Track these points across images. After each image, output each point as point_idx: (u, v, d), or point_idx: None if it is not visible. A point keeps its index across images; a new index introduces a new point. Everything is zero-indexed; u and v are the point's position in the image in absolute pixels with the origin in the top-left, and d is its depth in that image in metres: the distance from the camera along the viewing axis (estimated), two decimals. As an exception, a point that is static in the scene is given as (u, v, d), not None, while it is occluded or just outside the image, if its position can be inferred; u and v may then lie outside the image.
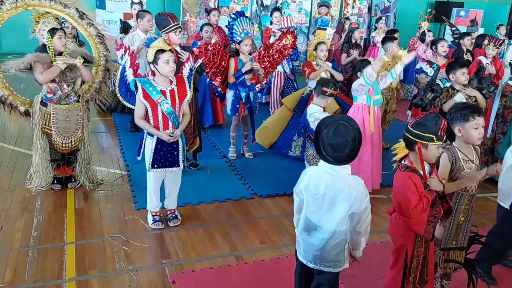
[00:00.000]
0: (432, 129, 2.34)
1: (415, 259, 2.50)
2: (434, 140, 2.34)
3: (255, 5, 9.10)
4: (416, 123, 2.42)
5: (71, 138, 4.12)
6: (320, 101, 3.92)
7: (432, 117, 2.39)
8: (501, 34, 8.60)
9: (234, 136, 5.17)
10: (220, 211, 4.09)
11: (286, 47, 4.96)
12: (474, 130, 2.59)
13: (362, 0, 10.36)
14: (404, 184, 2.40)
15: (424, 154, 2.38)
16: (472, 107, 2.67)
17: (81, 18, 4.30)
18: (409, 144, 2.42)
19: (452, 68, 4.11)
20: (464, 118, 2.59)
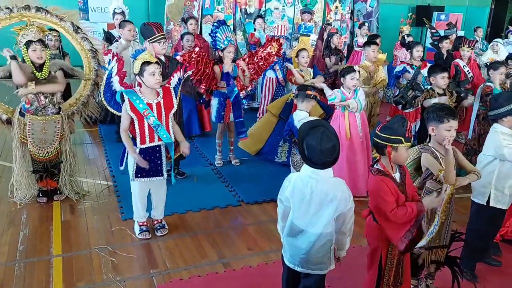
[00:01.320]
0: (399, 131, 2.39)
1: (389, 261, 2.54)
2: (402, 142, 2.39)
3: (239, 13, 9.16)
4: (383, 127, 2.46)
5: (48, 149, 4.10)
6: (305, 105, 3.97)
7: (398, 120, 2.44)
8: (479, 36, 8.78)
9: (220, 143, 5.19)
10: (207, 219, 4.10)
11: (270, 55, 5.03)
12: (447, 132, 2.64)
13: (345, 6, 10.48)
14: (378, 188, 2.42)
15: (395, 157, 2.42)
16: (448, 109, 2.73)
17: (76, 32, 4.31)
18: (379, 148, 2.46)
19: (433, 72, 4.20)
20: (439, 119, 2.65)
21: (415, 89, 4.04)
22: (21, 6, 4.07)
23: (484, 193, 3.14)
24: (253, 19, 7.92)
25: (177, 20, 8.35)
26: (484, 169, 3.10)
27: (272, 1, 9.45)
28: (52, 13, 4.20)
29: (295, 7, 9.69)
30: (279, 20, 9.57)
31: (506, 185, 3.09)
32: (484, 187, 3.12)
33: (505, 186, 3.09)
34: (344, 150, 4.36)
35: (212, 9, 8.92)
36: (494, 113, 3.11)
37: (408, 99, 4.06)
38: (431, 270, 2.92)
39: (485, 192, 3.13)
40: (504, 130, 3.07)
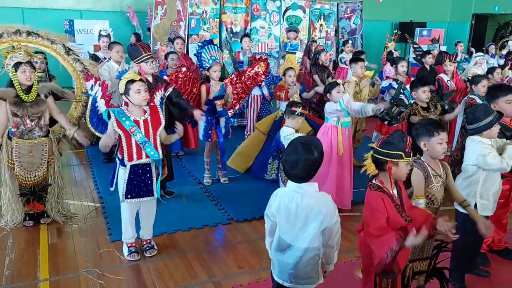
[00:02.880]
0: (399, 147, 2.39)
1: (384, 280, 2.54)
2: (403, 157, 2.39)
3: (225, 32, 9.27)
4: (383, 142, 2.46)
5: (35, 173, 4.05)
6: (292, 122, 4.00)
7: (398, 135, 2.46)
8: (460, 51, 8.98)
9: (208, 161, 5.19)
10: (197, 238, 4.07)
11: (258, 74, 5.09)
12: (439, 145, 2.69)
13: (329, 24, 10.66)
14: (375, 204, 2.43)
15: (395, 172, 2.42)
16: (436, 123, 2.78)
17: (68, 54, 4.32)
18: (379, 164, 2.45)
19: (415, 86, 4.28)
20: (429, 133, 2.69)
21: (399, 104, 4.11)
22: (11, 31, 4.07)
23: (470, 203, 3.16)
24: (239, 38, 8.01)
25: (164, 40, 8.41)
26: (468, 179, 3.15)
27: (258, 20, 9.57)
28: (44, 37, 4.21)
29: (281, 25, 9.83)
30: (265, 39, 9.69)
31: (490, 193, 3.14)
32: (470, 196, 3.15)
33: (489, 194, 3.14)
34: (335, 164, 4.39)
35: (198, 28, 9.01)
36: (473, 127, 3.13)
37: (393, 115, 4.13)
38: (421, 282, 2.92)
39: (471, 202, 3.15)
40: (484, 141, 3.11)
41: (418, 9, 13.44)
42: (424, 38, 12.23)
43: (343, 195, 4.47)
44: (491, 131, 3.08)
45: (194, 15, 8.96)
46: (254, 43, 9.32)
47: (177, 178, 4.95)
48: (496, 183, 3.16)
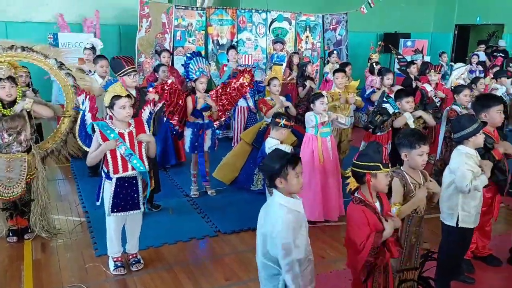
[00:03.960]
0: (376, 158, 2.42)
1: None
2: (381, 168, 2.41)
3: (211, 44, 9.32)
4: (359, 155, 2.49)
5: (13, 189, 3.95)
6: (276, 133, 4.03)
7: (373, 146, 2.49)
8: (444, 61, 9.14)
9: (195, 173, 5.18)
10: (184, 251, 4.05)
11: (243, 85, 5.11)
12: (419, 157, 2.73)
13: (315, 35, 10.78)
14: (357, 217, 2.44)
15: (374, 184, 2.44)
16: (418, 135, 2.81)
17: (60, 69, 4.30)
18: (358, 177, 2.47)
19: (398, 97, 4.35)
20: (411, 145, 2.73)
21: (382, 113, 4.17)
22: (6, 47, 4.04)
23: (452, 215, 3.21)
24: (226, 50, 8.06)
25: (149, 52, 8.42)
26: (448, 190, 3.19)
27: (244, 32, 9.65)
28: (38, 51, 4.18)
29: (267, 37, 9.92)
30: (252, 50, 9.76)
31: (472, 205, 3.18)
32: (452, 209, 3.21)
33: (470, 206, 3.18)
34: (317, 174, 4.42)
35: (183, 41, 9.05)
36: (458, 135, 3.19)
37: (376, 123, 4.19)
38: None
39: (453, 214, 3.20)
40: (469, 152, 3.16)
41: (402, 20, 13.66)
42: (408, 48, 12.40)
43: (329, 206, 4.48)
44: (476, 138, 3.13)
45: (179, 28, 9.00)
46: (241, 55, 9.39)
47: (163, 191, 4.93)
48: (477, 196, 3.20)
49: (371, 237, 2.37)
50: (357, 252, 2.43)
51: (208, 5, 10.15)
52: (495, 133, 3.58)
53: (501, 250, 3.93)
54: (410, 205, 2.70)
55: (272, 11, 9.97)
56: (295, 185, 2.35)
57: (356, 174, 2.47)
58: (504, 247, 3.93)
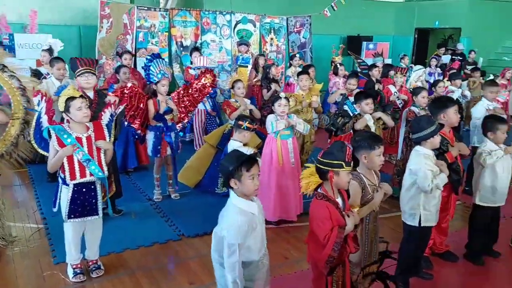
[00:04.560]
0: (339, 156, 2.49)
1: (334, 284, 2.60)
2: (343, 166, 2.49)
3: (174, 46, 9.22)
4: (324, 153, 2.56)
5: None
6: (239, 136, 4.02)
7: (338, 145, 2.56)
8: (405, 64, 9.40)
9: (158, 177, 5.10)
10: (146, 256, 3.98)
11: (205, 86, 5.08)
12: (378, 158, 2.82)
13: (280, 38, 10.86)
14: (319, 212, 2.51)
15: (336, 182, 2.52)
16: (376, 137, 2.93)
17: (3, 71, 4.12)
18: (322, 174, 2.54)
19: (358, 99, 4.43)
20: (370, 146, 2.81)
21: (343, 115, 4.25)
22: None
23: (414, 215, 3.30)
24: (189, 52, 8.00)
25: (110, 54, 8.25)
26: (410, 191, 3.28)
27: (208, 33, 9.61)
28: None
29: (232, 39, 9.91)
30: (216, 52, 9.73)
31: (432, 204, 3.28)
32: (414, 209, 3.30)
33: (431, 205, 3.28)
34: (275, 175, 4.45)
35: (146, 42, 8.92)
36: (417, 136, 3.29)
37: (338, 125, 4.26)
38: (366, 286, 2.99)
39: (415, 214, 3.29)
40: (427, 152, 3.26)
41: (364, 24, 13.96)
42: (370, 51, 12.70)
43: (289, 206, 4.51)
44: (434, 140, 3.24)
45: (142, 29, 8.87)
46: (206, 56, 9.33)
47: (126, 195, 4.83)
48: (436, 195, 3.31)
49: (335, 231, 2.44)
50: (320, 246, 2.49)
51: (171, 6, 10.07)
52: (450, 134, 3.70)
53: (458, 246, 4.06)
54: (367, 209, 2.78)
55: (236, 13, 9.97)
56: (249, 186, 2.39)
57: (320, 170, 2.54)
58: (461, 243, 4.07)
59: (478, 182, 3.84)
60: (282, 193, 4.50)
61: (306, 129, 4.57)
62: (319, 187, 2.59)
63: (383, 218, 4.63)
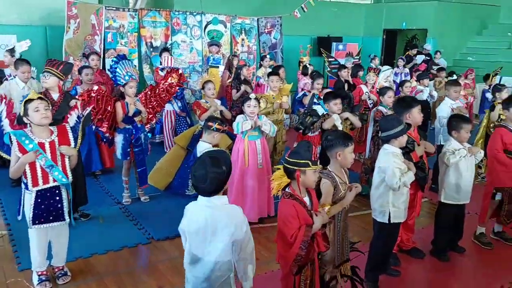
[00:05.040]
0: (305, 156, 2.53)
1: (302, 283, 2.62)
2: (309, 165, 2.53)
3: (144, 46, 9.10)
4: (291, 153, 2.60)
5: None
6: (208, 137, 4.00)
7: (304, 145, 2.59)
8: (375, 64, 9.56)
9: (127, 180, 5.02)
10: (115, 260, 3.92)
11: (172, 85, 5.02)
12: (350, 155, 2.87)
13: (251, 38, 10.87)
14: (287, 211, 2.54)
15: (303, 180, 2.55)
16: (348, 135, 2.98)
17: None
18: (289, 173, 2.57)
19: (327, 99, 4.48)
20: (344, 144, 2.85)
21: (312, 115, 4.29)
22: None
23: (384, 212, 3.37)
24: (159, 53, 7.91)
25: (77, 55, 8.07)
26: (379, 188, 3.34)
27: (179, 34, 9.52)
28: None
29: (203, 39, 9.86)
30: (187, 53, 9.66)
31: (401, 201, 3.34)
32: (383, 206, 3.36)
33: (400, 202, 3.34)
34: (242, 176, 4.45)
35: (115, 43, 8.77)
36: (386, 135, 3.34)
37: (306, 124, 4.30)
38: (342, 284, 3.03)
39: (385, 211, 3.36)
40: (395, 151, 3.32)
41: (334, 25, 14.15)
42: (340, 52, 12.86)
43: (258, 207, 4.52)
44: (402, 139, 3.31)
45: (110, 29, 8.72)
46: (177, 58, 9.26)
47: (94, 199, 4.74)
48: (404, 192, 3.37)
49: (302, 229, 2.47)
50: (288, 245, 2.51)
51: (141, 7, 9.93)
52: (415, 133, 3.79)
53: (424, 242, 4.16)
54: (338, 207, 2.82)
55: (207, 14, 9.93)
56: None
57: (287, 170, 2.57)
58: (427, 239, 4.17)
59: (443, 181, 3.94)
60: (245, 193, 4.49)
61: (273, 131, 4.58)
62: (287, 187, 2.62)
63: (352, 217, 4.71)
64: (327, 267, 2.91)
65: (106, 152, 5.78)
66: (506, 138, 4.05)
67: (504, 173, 4.09)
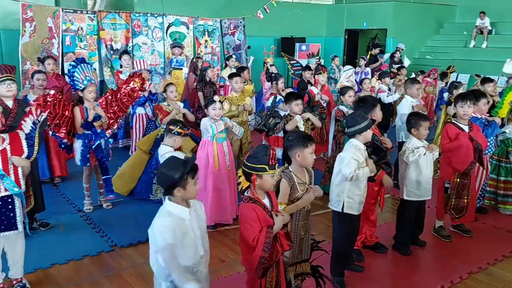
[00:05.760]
0: (262, 160, 2.52)
1: (268, 285, 2.62)
2: (266, 170, 2.52)
3: (104, 49, 8.91)
4: (249, 157, 2.59)
5: None
6: (169, 140, 3.95)
7: (262, 149, 2.58)
8: (336, 64, 9.71)
9: (88, 187, 4.89)
10: (77, 270, 3.81)
11: (134, 90, 4.91)
12: (310, 155, 2.89)
13: (214, 40, 10.83)
14: (247, 215, 2.52)
15: (260, 184, 2.55)
16: (308, 136, 3.00)
17: None
18: (247, 176, 2.56)
19: (288, 99, 4.52)
20: (304, 144, 2.86)
21: (275, 116, 4.31)
22: None
23: (339, 201, 3.44)
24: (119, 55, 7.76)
25: (35, 59, 7.81)
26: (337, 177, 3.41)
27: (140, 36, 9.38)
28: None
29: (165, 41, 9.75)
30: (148, 55, 9.52)
31: (356, 193, 3.40)
32: (339, 195, 3.43)
33: (354, 194, 3.41)
34: (212, 179, 4.43)
35: (73, 46, 8.55)
36: (352, 130, 3.41)
37: (270, 126, 4.31)
38: (297, 283, 3.05)
39: (340, 200, 3.43)
40: (358, 145, 3.39)
41: (298, 25, 14.30)
42: (303, 52, 13.01)
43: (224, 209, 4.51)
44: (366, 133, 3.39)
45: (68, 32, 8.49)
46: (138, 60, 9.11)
47: (54, 207, 4.61)
48: (361, 187, 3.43)
49: (263, 232, 2.47)
50: (251, 248, 2.50)
51: (100, 9, 9.72)
52: (376, 130, 3.90)
53: (387, 237, 4.25)
54: (293, 207, 2.84)
55: (168, 15, 9.82)
56: (193, 192, 2.40)
57: (245, 173, 2.56)
58: (390, 234, 4.26)
59: (404, 177, 4.04)
60: (219, 196, 4.47)
61: (241, 132, 4.58)
62: (247, 190, 2.61)
63: (318, 215, 4.78)
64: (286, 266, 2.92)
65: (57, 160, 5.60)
66: (451, 132, 4.19)
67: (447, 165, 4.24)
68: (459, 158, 4.15)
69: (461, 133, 4.12)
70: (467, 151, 4.10)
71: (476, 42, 13.89)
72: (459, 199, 4.27)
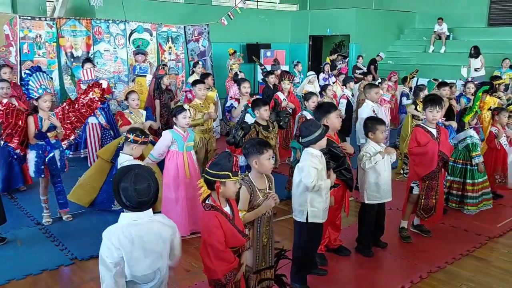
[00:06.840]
0: (226, 167, 2.52)
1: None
2: (230, 177, 2.52)
3: (64, 57, 8.69)
4: (211, 164, 2.58)
5: None
6: (127, 149, 3.89)
7: (224, 156, 2.57)
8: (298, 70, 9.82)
9: (45, 199, 4.73)
10: (34, 285, 3.68)
11: (93, 101, 4.80)
12: (267, 161, 2.89)
13: (178, 46, 10.75)
14: (210, 222, 2.51)
15: (223, 191, 2.54)
16: (264, 142, 3.00)
17: None
18: (209, 184, 2.55)
19: (257, 105, 4.53)
20: (259, 151, 2.86)
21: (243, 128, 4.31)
22: None
23: (302, 212, 3.43)
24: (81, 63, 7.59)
25: (-9, 68, 7.54)
26: (299, 188, 3.41)
27: (101, 43, 9.20)
28: None
29: (128, 48, 9.60)
30: (111, 62, 9.35)
31: (318, 201, 3.42)
32: (302, 206, 3.43)
33: (317, 202, 3.42)
34: (184, 189, 4.37)
35: (32, 54, 8.29)
36: (308, 139, 3.39)
37: (239, 138, 4.30)
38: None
39: (303, 210, 3.42)
40: (314, 152, 3.40)
41: (263, 32, 14.41)
42: (268, 58, 13.10)
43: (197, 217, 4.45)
44: (322, 142, 3.39)
45: (26, 40, 8.22)
46: (100, 67, 8.94)
47: (10, 221, 4.44)
48: (322, 195, 3.43)
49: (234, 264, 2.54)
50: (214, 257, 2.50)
51: (59, 15, 9.48)
52: (335, 136, 3.92)
53: (350, 240, 4.31)
54: (253, 214, 2.85)
55: (131, 22, 9.69)
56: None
57: (208, 181, 2.54)
58: (353, 237, 4.32)
59: (364, 182, 4.11)
60: (193, 205, 4.40)
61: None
62: (208, 198, 2.59)
63: (282, 220, 4.80)
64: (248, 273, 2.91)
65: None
66: (420, 137, 4.30)
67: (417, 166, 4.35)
68: (423, 164, 4.29)
69: (431, 141, 4.23)
70: (432, 159, 4.23)
71: (435, 47, 14.38)
72: (428, 200, 4.39)
